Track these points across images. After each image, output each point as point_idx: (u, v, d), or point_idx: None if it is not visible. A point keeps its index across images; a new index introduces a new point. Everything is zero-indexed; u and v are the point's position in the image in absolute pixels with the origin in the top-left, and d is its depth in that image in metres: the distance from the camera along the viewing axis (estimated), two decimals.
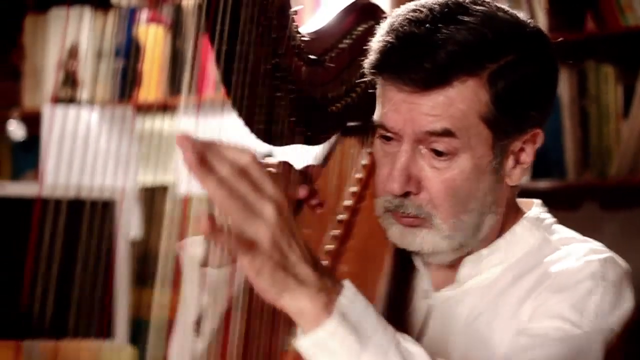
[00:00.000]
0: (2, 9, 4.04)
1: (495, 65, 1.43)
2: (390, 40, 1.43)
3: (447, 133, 1.42)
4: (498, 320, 1.48)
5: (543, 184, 3.43)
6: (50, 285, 1.08)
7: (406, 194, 1.46)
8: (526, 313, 1.45)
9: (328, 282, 1.22)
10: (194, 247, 1.51)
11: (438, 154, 1.44)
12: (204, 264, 1.50)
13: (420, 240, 1.48)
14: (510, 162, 1.49)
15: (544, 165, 3.41)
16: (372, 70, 1.48)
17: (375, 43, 1.47)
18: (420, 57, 1.40)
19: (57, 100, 3.91)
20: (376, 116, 1.50)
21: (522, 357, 1.39)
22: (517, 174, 1.50)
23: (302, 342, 1.23)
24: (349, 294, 1.23)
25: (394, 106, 1.45)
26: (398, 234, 1.50)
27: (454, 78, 1.41)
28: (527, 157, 1.50)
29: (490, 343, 1.46)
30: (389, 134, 1.48)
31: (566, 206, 3.57)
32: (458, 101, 1.42)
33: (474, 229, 1.49)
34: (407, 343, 1.26)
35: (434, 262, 1.54)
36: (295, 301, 1.20)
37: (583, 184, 3.47)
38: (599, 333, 1.41)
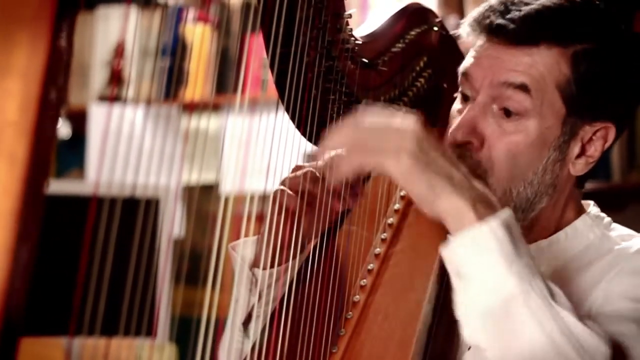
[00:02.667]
0: None
1: (582, 47, 1.47)
2: (494, 2, 1.49)
3: (523, 88, 1.45)
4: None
5: (588, 185, 3.39)
6: (91, 283, 1.08)
7: (468, 147, 1.48)
8: (599, 296, 1.44)
9: (488, 195, 1.30)
10: (245, 248, 1.55)
11: (508, 114, 1.46)
12: (254, 264, 1.54)
13: None
14: (576, 148, 1.50)
15: None
16: (471, 24, 1.51)
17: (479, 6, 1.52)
18: (517, 15, 1.46)
19: (103, 98, 3.94)
20: (460, 67, 1.53)
21: None
22: (581, 165, 1.51)
23: (457, 239, 1.28)
24: (509, 214, 1.29)
25: (478, 57, 1.50)
26: None
27: (542, 41, 1.46)
28: (595, 151, 1.51)
29: None
30: (467, 91, 1.51)
31: (611, 207, 3.51)
32: (540, 64, 1.45)
33: (526, 204, 1.50)
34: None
35: None
36: (453, 203, 1.27)
37: (628, 185, 3.44)
38: None
